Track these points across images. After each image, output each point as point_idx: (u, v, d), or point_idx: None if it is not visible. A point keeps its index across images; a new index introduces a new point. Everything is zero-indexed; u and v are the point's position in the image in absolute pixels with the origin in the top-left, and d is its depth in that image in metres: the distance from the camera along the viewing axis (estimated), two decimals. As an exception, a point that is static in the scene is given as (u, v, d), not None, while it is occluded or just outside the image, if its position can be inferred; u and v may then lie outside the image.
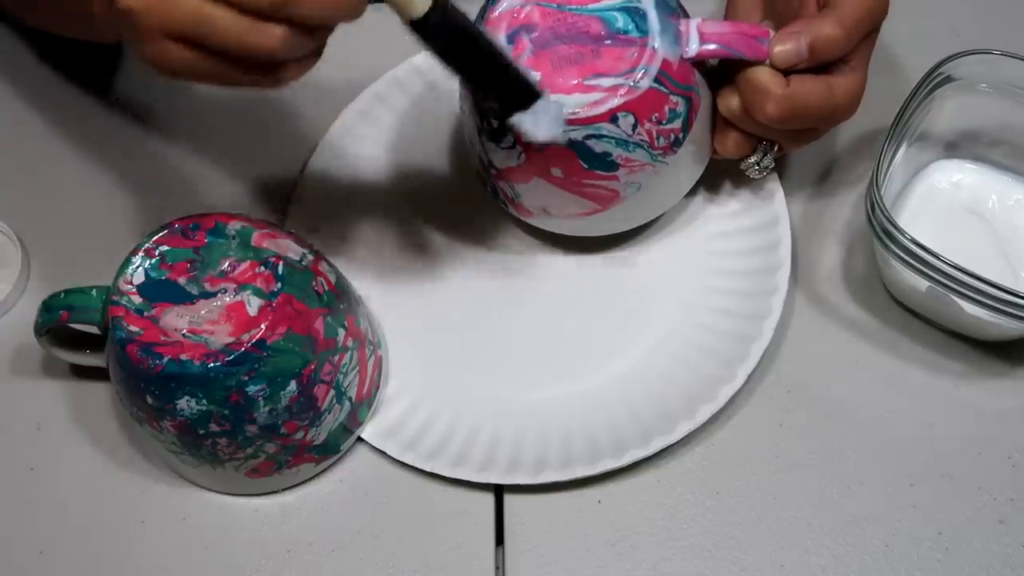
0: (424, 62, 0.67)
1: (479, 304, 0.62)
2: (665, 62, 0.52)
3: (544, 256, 0.63)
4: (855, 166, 0.64)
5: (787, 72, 0.53)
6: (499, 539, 0.56)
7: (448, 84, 0.66)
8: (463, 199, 0.65)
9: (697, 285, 0.61)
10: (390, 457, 0.57)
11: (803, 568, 0.54)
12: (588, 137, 0.52)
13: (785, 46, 0.52)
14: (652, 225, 0.62)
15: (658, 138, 0.54)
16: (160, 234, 0.53)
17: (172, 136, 0.68)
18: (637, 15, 0.53)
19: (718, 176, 0.62)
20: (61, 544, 0.57)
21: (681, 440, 0.56)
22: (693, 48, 0.53)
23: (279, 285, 0.51)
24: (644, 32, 0.53)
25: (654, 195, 0.58)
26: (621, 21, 0.53)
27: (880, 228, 0.54)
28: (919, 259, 0.53)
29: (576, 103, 0.52)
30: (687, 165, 0.57)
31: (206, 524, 0.57)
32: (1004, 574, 0.53)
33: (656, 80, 0.52)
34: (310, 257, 0.55)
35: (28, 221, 0.65)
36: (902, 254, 0.54)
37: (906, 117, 0.57)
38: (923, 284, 0.55)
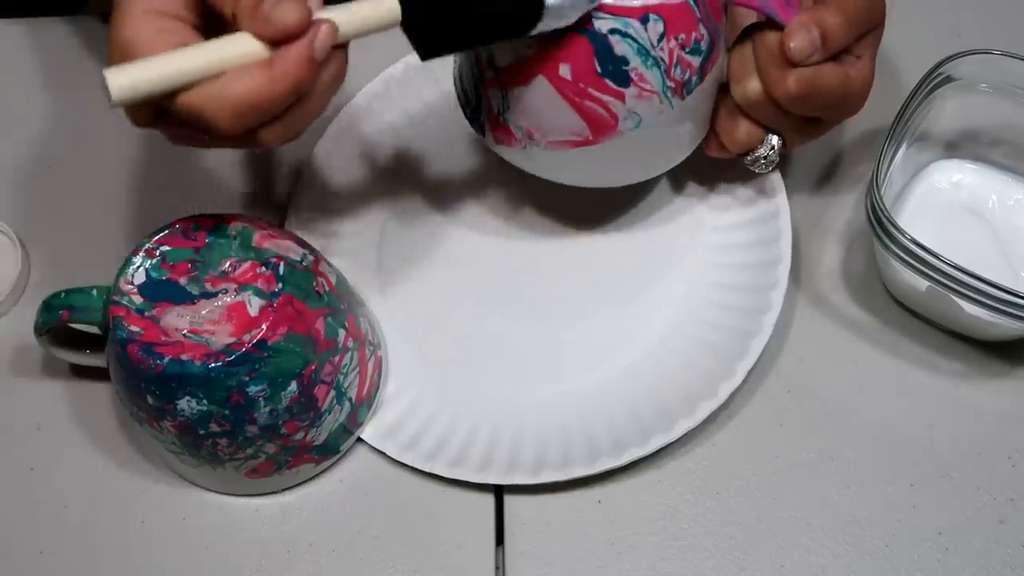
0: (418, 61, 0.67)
1: (479, 304, 0.62)
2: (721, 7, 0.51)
3: (543, 256, 0.63)
4: (855, 166, 0.64)
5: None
6: (499, 539, 0.56)
7: (446, 85, 0.66)
8: (463, 199, 0.65)
9: (697, 279, 0.61)
10: (390, 457, 0.57)
11: (803, 568, 0.54)
12: (613, 31, 0.50)
13: (799, 40, 0.52)
14: (650, 218, 0.62)
15: (675, 67, 0.52)
16: (161, 234, 0.53)
17: (172, 136, 0.68)
18: None
19: (718, 167, 0.61)
20: (61, 544, 0.57)
21: (681, 440, 0.56)
22: None
23: (280, 285, 0.51)
24: None
25: (648, 143, 0.55)
26: None
27: (880, 228, 0.54)
28: (919, 259, 0.53)
29: None
30: (686, 124, 0.55)
31: (206, 524, 0.57)
32: (1004, 574, 0.53)
33: (695, 2, 0.50)
34: (311, 258, 0.55)
35: (28, 221, 0.65)
36: (902, 254, 0.54)
37: (906, 117, 0.57)
38: (923, 284, 0.55)
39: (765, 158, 0.57)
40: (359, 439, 0.58)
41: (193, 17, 0.47)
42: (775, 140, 0.57)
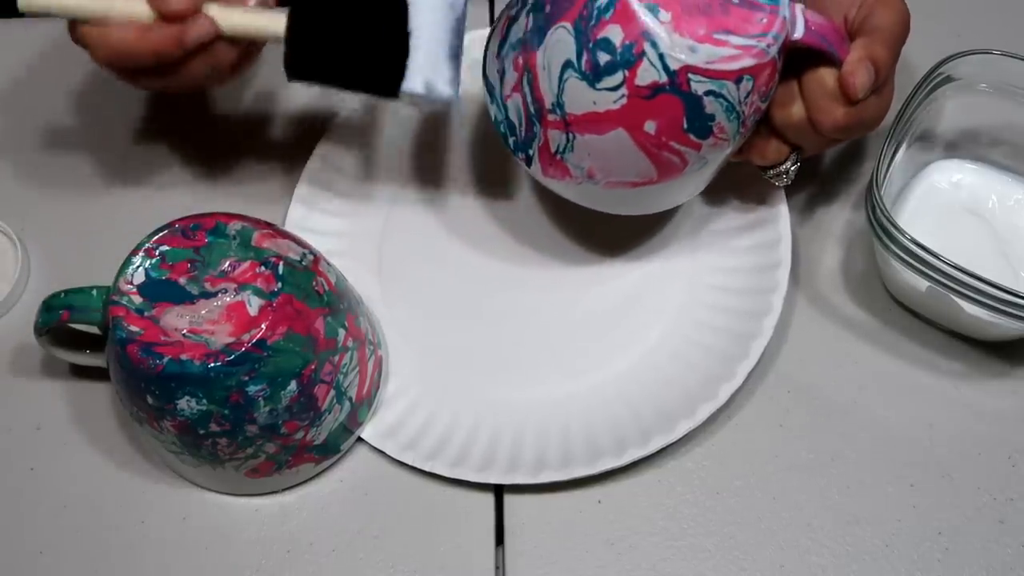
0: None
1: (479, 304, 0.62)
2: (787, 36, 0.51)
3: (543, 255, 0.63)
4: (855, 166, 0.65)
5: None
6: (499, 539, 0.56)
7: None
8: (464, 200, 0.65)
9: (697, 282, 0.61)
10: (390, 457, 0.57)
11: (803, 568, 0.54)
12: (708, 93, 0.50)
13: (862, 79, 0.52)
14: (651, 221, 0.62)
15: (752, 115, 0.53)
16: (160, 234, 0.53)
17: (172, 136, 0.68)
18: None
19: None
20: (61, 544, 0.57)
21: (681, 440, 0.56)
22: (799, 32, 0.51)
23: (279, 285, 0.51)
24: (774, 0, 0.51)
25: (703, 177, 0.56)
26: None
27: (880, 228, 0.54)
28: (919, 259, 0.53)
29: (709, 53, 0.49)
30: (732, 152, 0.56)
31: (206, 524, 0.57)
32: (1004, 574, 0.53)
33: (778, 53, 0.51)
34: (310, 257, 0.55)
35: (28, 221, 0.65)
36: (902, 254, 0.54)
37: (906, 117, 0.57)
38: (923, 284, 0.55)
39: (787, 172, 0.58)
40: (359, 439, 0.58)
41: None
42: (796, 155, 0.57)
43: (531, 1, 0.53)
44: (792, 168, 0.58)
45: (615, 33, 0.49)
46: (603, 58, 0.50)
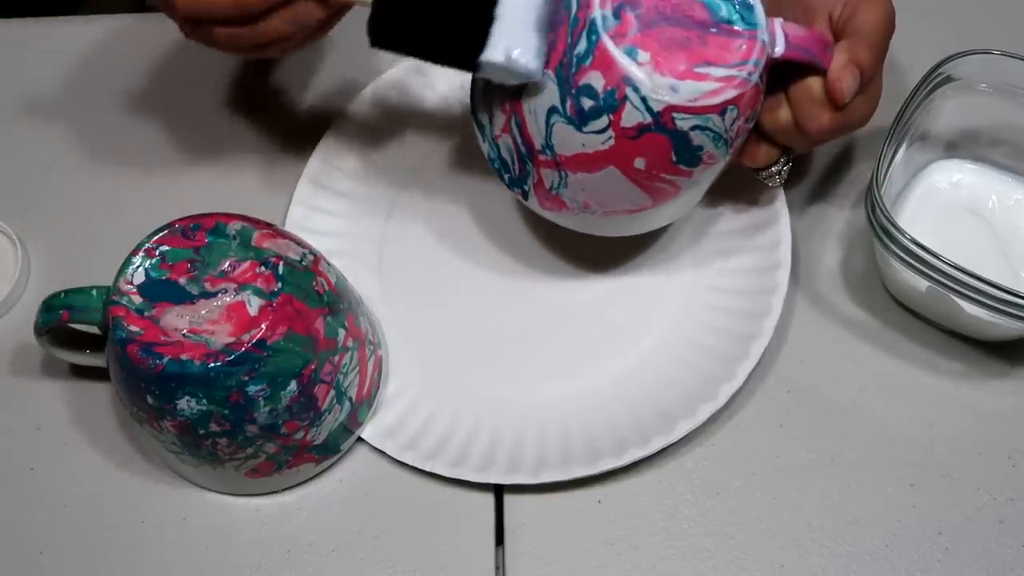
0: (419, 61, 0.67)
1: (479, 304, 0.62)
2: (769, 59, 0.51)
3: (544, 255, 0.63)
4: (855, 166, 0.65)
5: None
6: (499, 539, 0.56)
7: (443, 85, 0.67)
8: (463, 199, 0.65)
9: (697, 283, 0.61)
10: (390, 457, 0.57)
11: (803, 568, 0.54)
12: (695, 128, 0.50)
13: (849, 83, 0.52)
14: (652, 225, 0.62)
15: (738, 137, 0.53)
16: (160, 234, 0.53)
17: (173, 136, 0.68)
18: (741, 6, 0.51)
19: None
20: (61, 544, 0.57)
21: (681, 440, 0.56)
22: (780, 49, 0.52)
23: (279, 285, 0.51)
24: (752, 24, 0.51)
25: (698, 193, 0.57)
26: (724, 10, 0.51)
27: (880, 228, 0.54)
28: (919, 259, 0.53)
29: (691, 91, 0.49)
30: (723, 168, 0.56)
31: (206, 524, 0.57)
32: (1004, 574, 0.53)
33: (760, 76, 0.51)
34: (310, 257, 0.55)
35: (28, 221, 0.65)
36: (902, 254, 0.54)
37: (906, 117, 0.57)
38: (923, 284, 0.55)
39: (779, 173, 0.58)
40: (359, 439, 0.58)
41: None
42: (787, 155, 0.57)
43: None
44: (784, 169, 0.58)
45: (596, 79, 0.50)
46: (587, 103, 0.50)
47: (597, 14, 0.50)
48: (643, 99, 0.49)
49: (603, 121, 0.50)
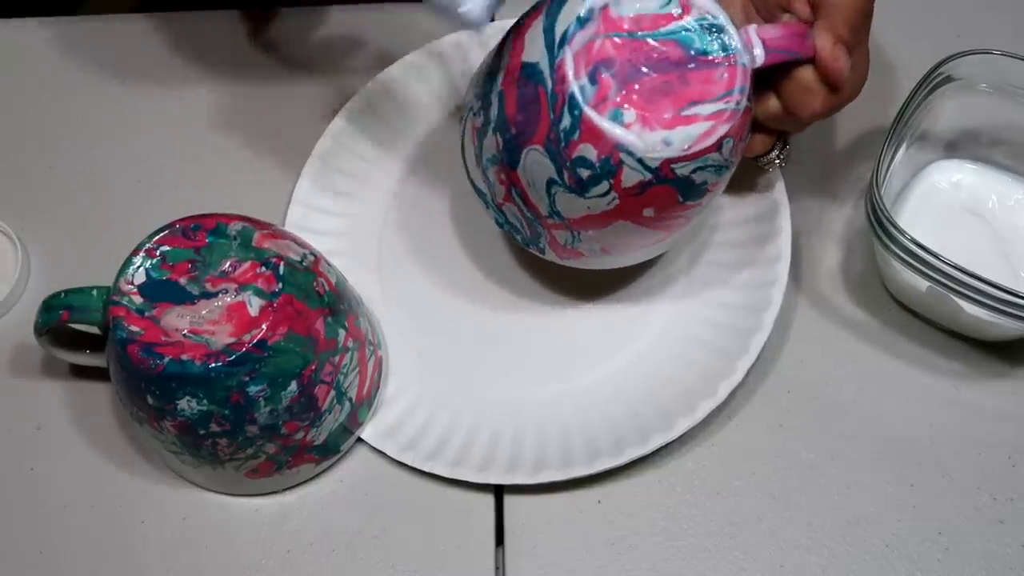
0: (415, 60, 0.67)
1: (479, 304, 0.62)
2: (752, 77, 0.51)
3: (544, 255, 0.63)
4: (855, 166, 0.64)
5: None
6: (499, 539, 0.56)
7: (443, 86, 0.66)
8: (463, 199, 0.65)
9: (697, 277, 0.61)
10: (390, 457, 0.57)
11: (803, 568, 0.54)
12: (695, 170, 0.50)
13: (843, 62, 0.52)
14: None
15: (738, 156, 0.53)
16: (161, 234, 0.53)
17: (173, 136, 0.68)
18: (713, 31, 0.50)
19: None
20: (61, 544, 0.57)
21: (681, 440, 0.56)
22: (760, 57, 0.51)
23: (280, 285, 0.51)
24: (727, 49, 0.50)
25: (709, 210, 0.57)
26: (697, 40, 0.50)
27: (880, 228, 0.54)
28: (919, 259, 0.53)
29: (683, 139, 0.49)
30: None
31: (206, 524, 0.57)
32: (1004, 574, 0.53)
33: (748, 98, 0.50)
34: (311, 257, 0.55)
35: (28, 221, 0.65)
36: (902, 254, 0.54)
37: (906, 117, 0.57)
38: (923, 284, 0.55)
39: (778, 158, 0.58)
40: (359, 439, 0.58)
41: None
42: (783, 140, 0.57)
43: (493, 117, 0.52)
44: (783, 153, 0.58)
45: (588, 151, 0.49)
46: (584, 173, 0.50)
47: (574, 87, 0.49)
48: (639, 160, 0.49)
49: (604, 186, 0.50)
